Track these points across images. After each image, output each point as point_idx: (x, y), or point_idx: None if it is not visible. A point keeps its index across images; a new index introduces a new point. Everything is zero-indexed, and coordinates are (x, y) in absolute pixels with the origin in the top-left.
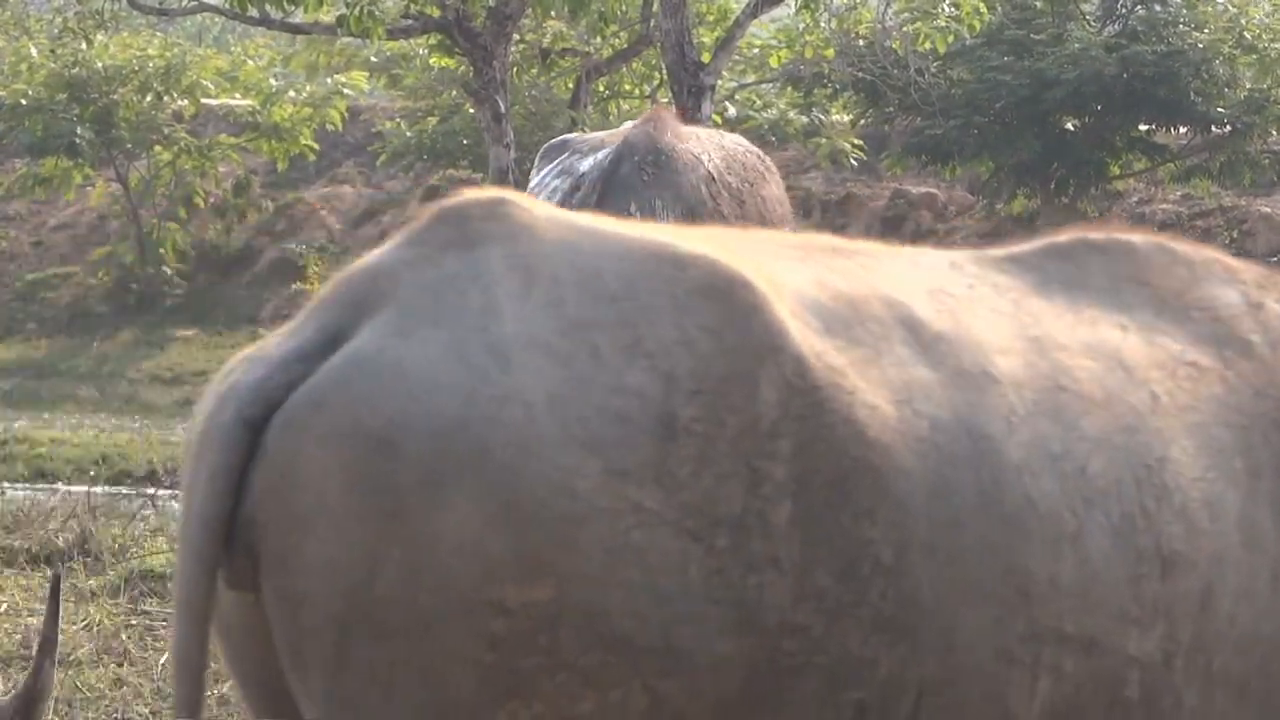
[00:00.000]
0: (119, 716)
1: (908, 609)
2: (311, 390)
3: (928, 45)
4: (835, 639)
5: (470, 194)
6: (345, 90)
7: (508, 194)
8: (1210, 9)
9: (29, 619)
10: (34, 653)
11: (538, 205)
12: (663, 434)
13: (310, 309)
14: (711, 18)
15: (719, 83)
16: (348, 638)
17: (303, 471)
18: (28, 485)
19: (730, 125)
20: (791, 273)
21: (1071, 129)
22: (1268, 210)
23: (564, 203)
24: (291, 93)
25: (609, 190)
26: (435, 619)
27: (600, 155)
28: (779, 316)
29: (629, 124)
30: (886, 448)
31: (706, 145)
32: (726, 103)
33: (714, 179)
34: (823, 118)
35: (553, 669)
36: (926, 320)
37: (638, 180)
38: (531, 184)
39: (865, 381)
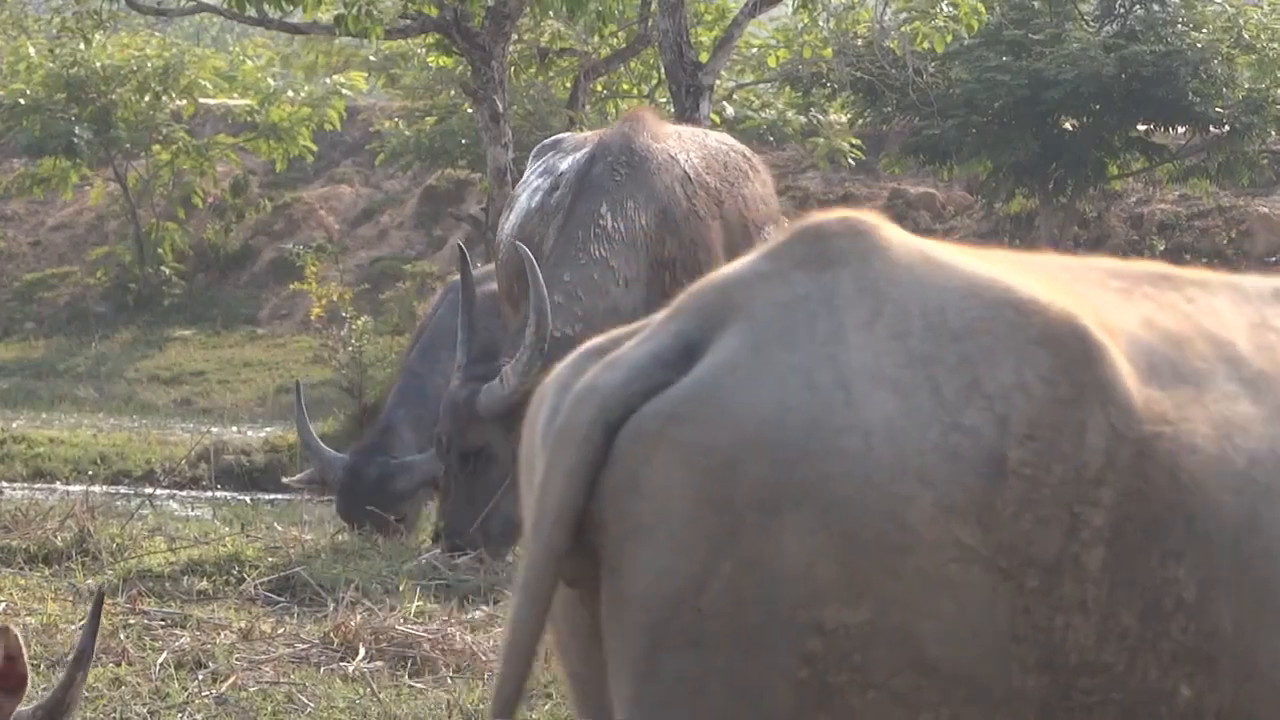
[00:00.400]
0: (117, 716)
1: (1208, 640)
2: (667, 401)
3: (926, 45)
4: (1135, 675)
5: (830, 213)
6: (343, 90)
7: (865, 214)
8: (1208, 9)
9: (28, 619)
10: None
11: (892, 228)
12: (992, 474)
13: (666, 315)
14: (709, 17)
15: (717, 82)
16: (664, 644)
17: (650, 479)
18: (26, 485)
19: (728, 125)
20: (1120, 312)
21: (1070, 129)
22: (1266, 210)
23: (544, 202)
24: (290, 92)
25: (582, 191)
26: (756, 633)
27: (579, 155)
28: (1113, 367)
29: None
30: (1200, 490)
31: (686, 145)
32: (724, 102)
33: (690, 179)
34: (821, 117)
35: (862, 687)
36: (1247, 357)
37: (610, 181)
38: (521, 183)
39: (1185, 426)
